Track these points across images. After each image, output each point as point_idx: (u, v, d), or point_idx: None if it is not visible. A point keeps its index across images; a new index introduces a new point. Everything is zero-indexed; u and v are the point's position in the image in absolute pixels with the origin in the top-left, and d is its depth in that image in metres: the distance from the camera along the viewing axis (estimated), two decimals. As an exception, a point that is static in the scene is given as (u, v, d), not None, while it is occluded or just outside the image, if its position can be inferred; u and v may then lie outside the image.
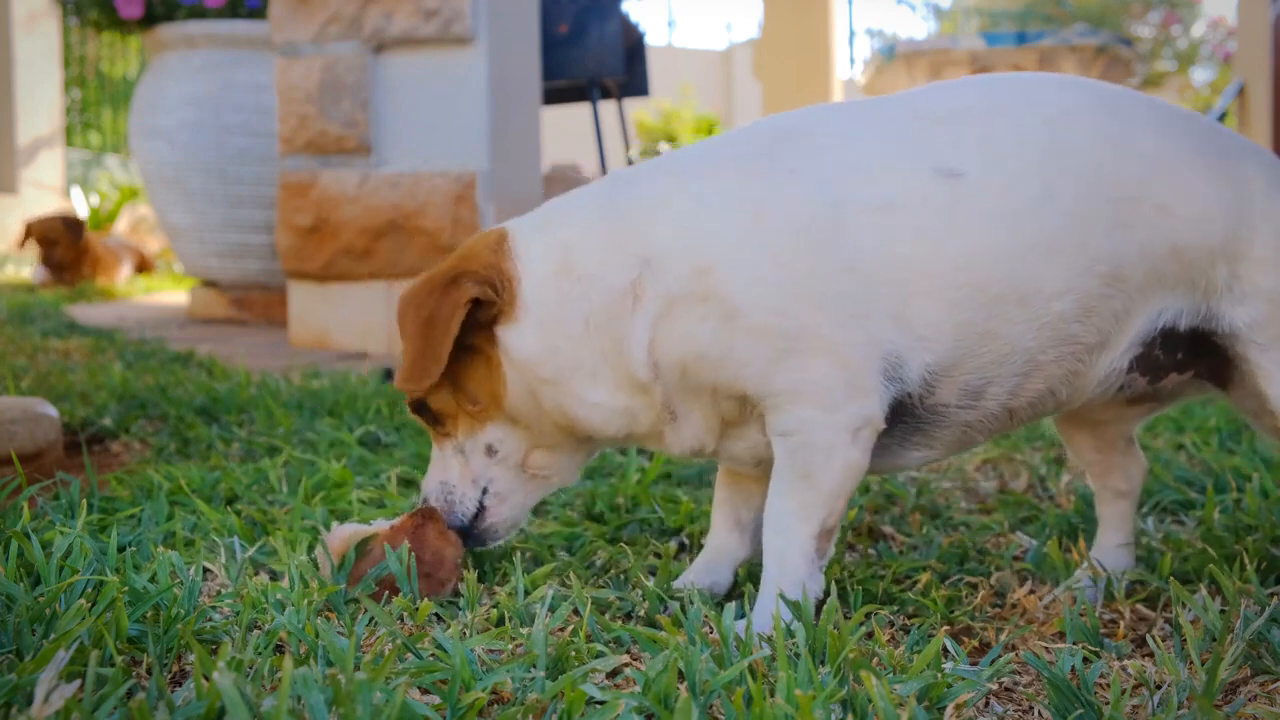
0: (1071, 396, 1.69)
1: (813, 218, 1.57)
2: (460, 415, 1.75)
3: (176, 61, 5.92)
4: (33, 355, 4.36)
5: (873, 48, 18.20)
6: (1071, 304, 1.60)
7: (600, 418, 1.68)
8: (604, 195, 1.70)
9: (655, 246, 1.60)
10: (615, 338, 1.62)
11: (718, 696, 1.28)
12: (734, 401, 1.63)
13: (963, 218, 1.58)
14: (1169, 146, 1.65)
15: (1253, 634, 1.46)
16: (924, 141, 1.63)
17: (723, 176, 1.64)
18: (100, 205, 11.08)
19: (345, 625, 1.55)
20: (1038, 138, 1.62)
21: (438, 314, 1.64)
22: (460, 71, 4.77)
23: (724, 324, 1.56)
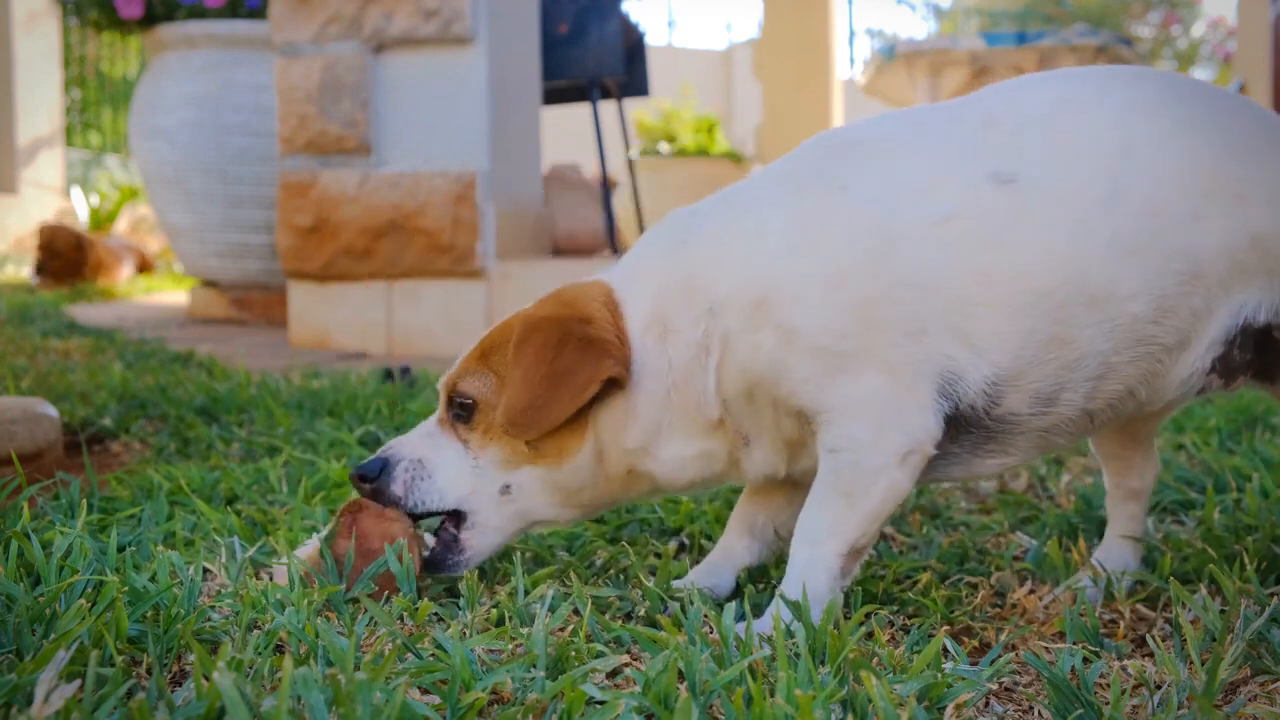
0: (1152, 396, 1.65)
1: (865, 236, 1.54)
2: (503, 441, 1.66)
3: (176, 61, 5.92)
4: (33, 355, 4.36)
5: (873, 48, 18.19)
6: (1147, 305, 1.55)
7: (675, 470, 1.66)
8: (676, 238, 1.66)
9: (719, 291, 1.58)
10: (694, 392, 1.60)
11: (718, 696, 1.28)
12: (793, 419, 1.61)
13: (1020, 223, 1.54)
14: (1241, 132, 1.61)
15: (1253, 634, 1.46)
16: (982, 147, 1.59)
17: (775, 204, 1.61)
18: (100, 205, 11.07)
19: (345, 625, 1.55)
20: (1107, 136, 1.58)
21: (573, 374, 1.58)
22: (460, 71, 4.77)
23: (782, 344, 1.54)
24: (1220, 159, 1.58)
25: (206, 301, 6.20)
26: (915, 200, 1.56)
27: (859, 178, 1.60)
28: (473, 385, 1.67)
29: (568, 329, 1.60)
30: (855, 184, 1.59)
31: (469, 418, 1.68)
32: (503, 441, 1.66)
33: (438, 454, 1.69)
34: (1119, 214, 1.54)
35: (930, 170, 1.58)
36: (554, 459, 1.65)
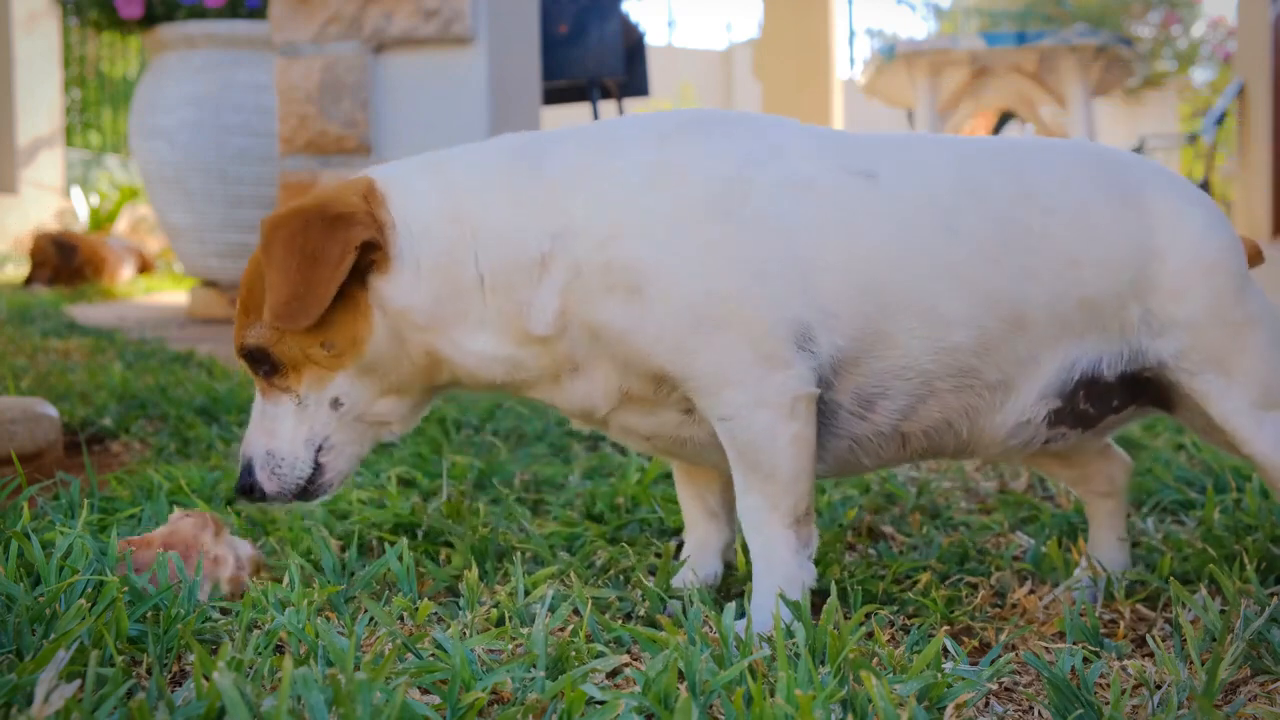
0: (975, 436, 1.68)
1: (723, 183, 1.57)
2: (306, 365, 1.64)
3: (176, 61, 5.92)
4: (33, 355, 4.36)
5: (873, 48, 18.20)
6: (970, 336, 1.60)
7: (476, 364, 1.64)
8: (516, 159, 1.64)
9: (568, 220, 1.57)
10: (517, 301, 1.59)
11: (718, 696, 1.28)
12: (648, 380, 1.61)
13: (872, 215, 1.59)
14: (1075, 195, 1.66)
15: (1253, 634, 1.47)
16: (844, 149, 1.65)
17: (642, 147, 1.62)
18: (100, 205, 11.06)
19: (345, 625, 1.55)
20: (950, 172, 1.65)
21: (324, 252, 1.55)
22: (460, 71, 4.77)
23: (631, 295, 1.54)
24: (1055, 222, 1.64)
25: (206, 301, 6.20)
26: (779, 164, 1.60)
27: (727, 135, 1.63)
28: (254, 335, 1.64)
29: (309, 214, 1.58)
30: (722, 138, 1.62)
31: (273, 367, 1.65)
32: (309, 363, 1.64)
33: (274, 428, 1.67)
34: (955, 242, 1.60)
35: (799, 147, 1.63)
36: (354, 349, 1.62)
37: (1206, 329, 1.65)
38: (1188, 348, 1.65)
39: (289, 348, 1.63)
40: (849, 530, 2.12)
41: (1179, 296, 1.65)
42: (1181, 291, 1.65)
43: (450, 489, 2.31)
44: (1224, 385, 1.66)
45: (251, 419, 1.69)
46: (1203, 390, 1.66)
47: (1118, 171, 1.71)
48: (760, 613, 1.57)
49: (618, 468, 2.55)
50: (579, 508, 2.24)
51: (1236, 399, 1.66)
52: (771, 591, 1.57)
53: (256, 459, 1.67)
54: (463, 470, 2.44)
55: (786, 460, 1.57)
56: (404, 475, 2.42)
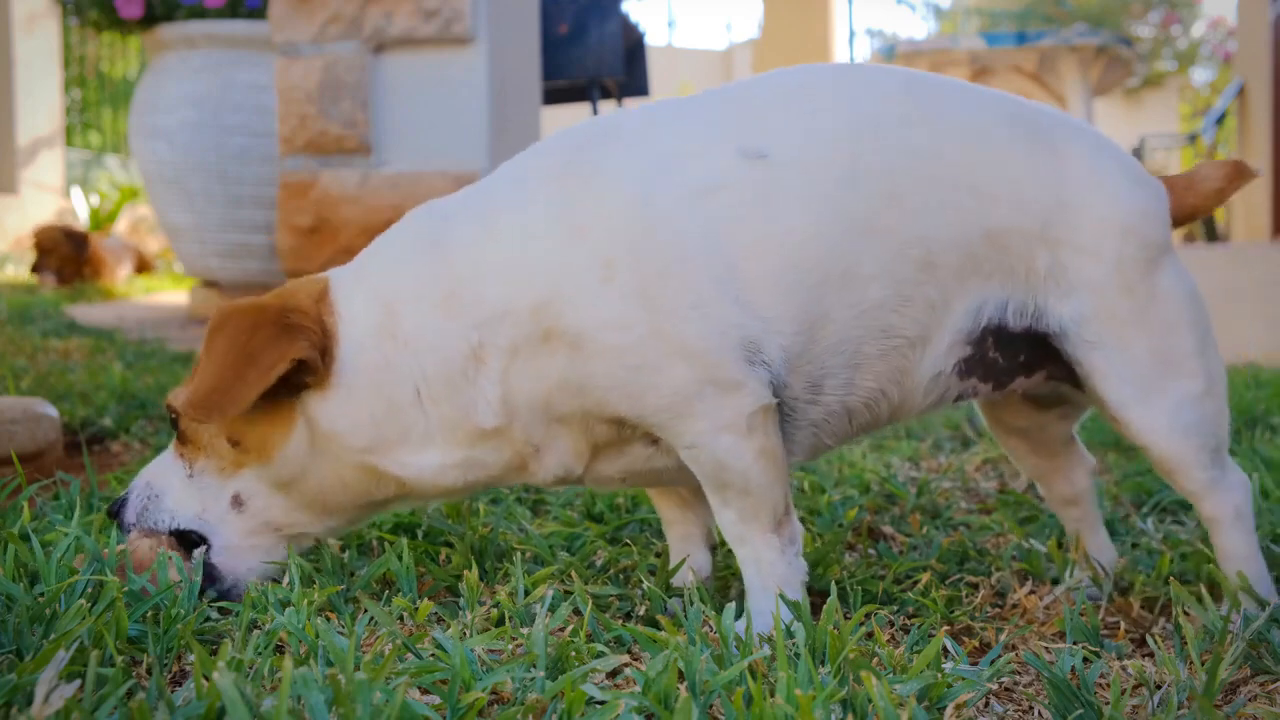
0: (903, 399, 1.65)
1: (626, 219, 1.51)
2: (213, 450, 1.63)
3: (176, 61, 5.92)
4: (33, 355, 4.36)
5: (873, 48, 18.22)
6: (887, 290, 1.56)
7: (431, 476, 1.60)
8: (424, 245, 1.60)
9: (490, 303, 1.52)
10: (459, 405, 1.55)
11: (718, 696, 1.28)
12: (609, 425, 1.58)
13: (777, 198, 1.54)
14: (982, 125, 1.61)
15: (1253, 634, 1.47)
16: (728, 126, 1.59)
17: (530, 201, 1.56)
18: (100, 205, 11.06)
19: (345, 625, 1.55)
20: (844, 118, 1.58)
21: (260, 355, 1.52)
22: (460, 71, 4.77)
23: (572, 354, 1.51)
24: (959, 150, 1.59)
25: (207, 301, 6.20)
26: (669, 176, 1.54)
27: (611, 161, 1.57)
28: (179, 398, 1.62)
29: (262, 315, 1.55)
30: (604, 168, 1.56)
31: (185, 443, 1.65)
32: (212, 449, 1.62)
33: (166, 475, 1.66)
34: (859, 194, 1.55)
35: (682, 146, 1.57)
36: (260, 454, 1.60)
37: (1110, 295, 1.60)
38: (1089, 313, 1.59)
39: (198, 429, 1.62)
40: (849, 530, 2.12)
41: (1088, 253, 1.59)
42: (1091, 248, 1.59)
43: (450, 489, 2.30)
44: (1121, 363, 1.60)
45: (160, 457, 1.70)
46: (1100, 369, 1.60)
47: (1038, 121, 1.65)
48: (760, 616, 1.56)
49: (618, 468, 2.55)
50: (579, 508, 2.24)
51: (1131, 382, 1.60)
52: (768, 594, 1.57)
53: (137, 486, 1.68)
54: (463, 470, 2.44)
55: (756, 474, 1.55)
56: (404, 475, 2.42)
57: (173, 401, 1.64)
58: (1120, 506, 2.33)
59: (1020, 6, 15.25)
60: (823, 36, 12.14)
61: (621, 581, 1.80)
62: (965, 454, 2.79)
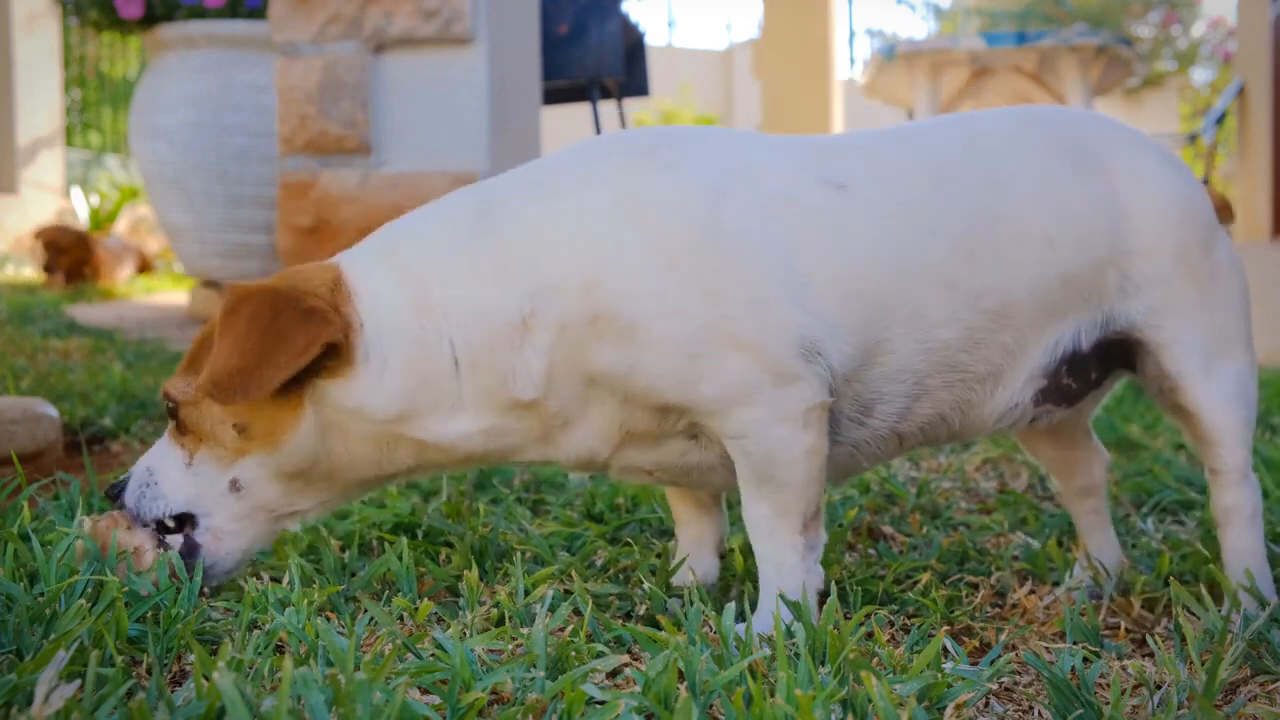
0: (966, 426, 1.68)
1: (693, 209, 1.52)
2: (209, 439, 1.61)
3: (176, 61, 5.92)
4: (33, 355, 4.36)
5: (873, 48, 18.19)
6: (957, 334, 1.60)
7: (453, 442, 1.59)
8: (469, 219, 1.59)
9: (544, 274, 1.52)
10: (499, 373, 1.55)
11: (718, 696, 1.28)
12: (651, 412, 1.57)
13: (849, 225, 1.57)
14: (1045, 173, 1.65)
15: (1253, 634, 1.47)
16: (811, 159, 1.62)
17: (600, 182, 1.56)
18: (100, 205, 11.05)
19: (345, 625, 1.55)
20: (920, 169, 1.63)
21: (289, 338, 1.50)
22: (460, 71, 4.77)
23: (625, 340, 1.51)
24: (1028, 205, 1.63)
25: (207, 301, 6.20)
26: (746, 181, 1.56)
27: (689, 159, 1.58)
28: (178, 387, 1.62)
29: (284, 297, 1.53)
30: (683, 163, 1.57)
31: (185, 432, 1.63)
32: (214, 438, 1.61)
33: (164, 461, 1.65)
34: (934, 245, 1.59)
35: (762, 162, 1.60)
36: (267, 442, 1.59)
37: (1175, 282, 1.66)
38: (1158, 305, 1.66)
39: (199, 417, 1.61)
40: (849, 530, 2.12)
41: (1149, 254, 1.65)
42: (1151, 249, 1.65)
43: (450, 489, 2.31)
44: (1188, 337, 1.66)
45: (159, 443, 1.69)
46: (1166, 342, 1.66)
47: (1075, 137, 1.69)
48: (769, 616, 1.56)
49: (618, 468, 2.55)
50: (579, 508, 2.24)
51: (1194, 352, 1.66)
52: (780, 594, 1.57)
53: (137, 471, 1.67)
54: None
55: (801, 470, 1.56)
56: (404, 475, 2.42)
57: (171, 390, 1.63)
58: (1120, 506, 2.33)
59: (1020, 6, 15.25)
60: (823, 36, 12.14)
61: (621, 581, 1.80)
62: (965, 454, 2.79)
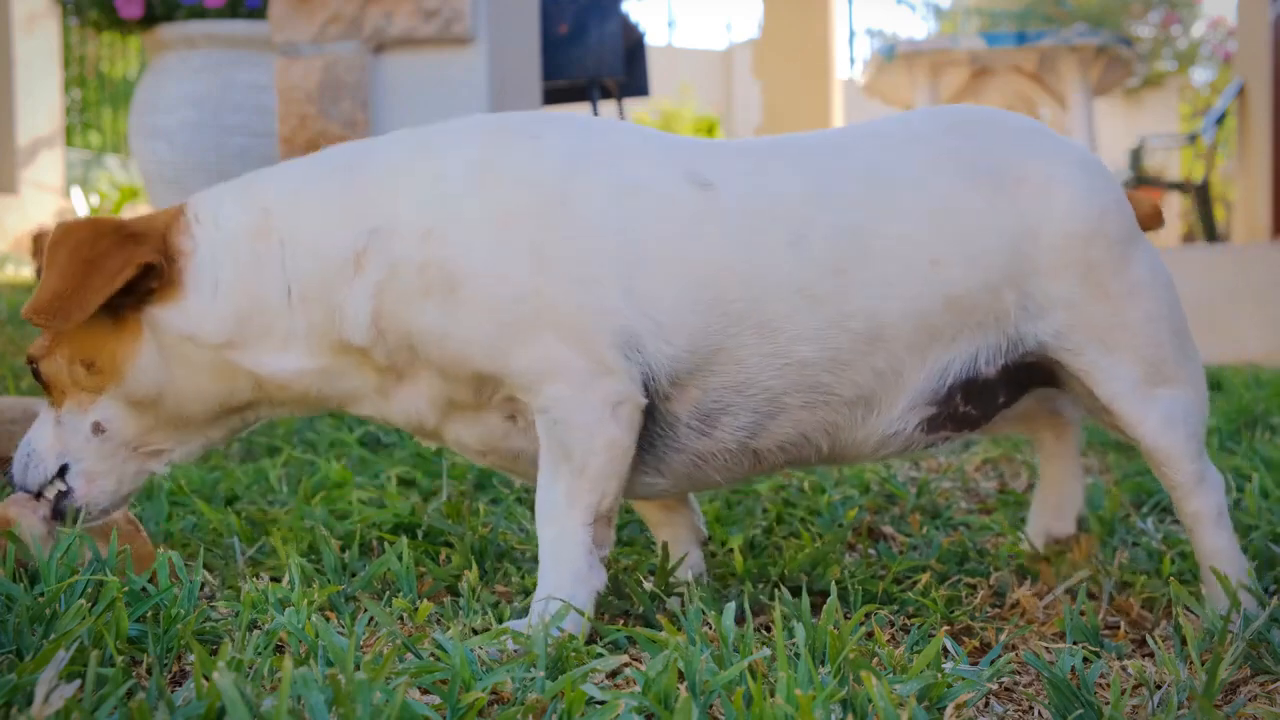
0: (838, 450, 1.63)
1: (544, 180, 1.53)
2: (70, 387, 1.64)
3: (176, 61, 5.92)
4: (33, 355, 4.35)
5: (873, 48, 18.18)
6: (818, 352, 1.54)
7: (287, 378, 1.61)
8: (336, 165, 1.62)
9: (387, 214, 1.54)
10: (329, 307, 1.57)
11: (718, 696, 1.28)
12: (467, 384, 1.57)
13: (707, 225, 1.54)
14: (938, 189, 1.58)
15: (1253, 634, 1.46)
16: (687, 155, 1.60)
17: (468, 146, 1.59)
18: (100, 205, 11.06)
19: (345, 625, 1.55)
20: (797, 181, 1.57)
21: (104, 261, 1.55)
22: (460, 71, 4.77)
23: (446, 297, 1.51)
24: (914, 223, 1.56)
25: (206, 301, 6.20)
26: (607, 164, 1.56)
27: (553, 134, 1.59)
28: (35, 346, 1.66)
29: (102, 226, 1.59)
30: (547, 137, 1.58)
31: (49, 388, 1.67)
32: (71, 382, 1.64)
33: (38, 430, 1.69)
34: (799, 258, 1.53)
35: (631, 149, 1.59)
36: (114, 374, 1.62)
37: (1085, 305, 1.58)
38: (1067, 326, 1.58)
39: (54, 366, 1.64)
40: (849, 530, 2.12)
41: (1054, 273, 1.57)
42: (1057, 268, 1.57)
43: (450, 489, 2.31)
44: (1108, 363, 1.59)
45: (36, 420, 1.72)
46: (1086, 369, 1.59)
47: (985, 147, 1.61)
48: (539, 604, 1.52)
49: (618, 468, 2.55)
50: (579, 508, 2.24)
51: (1122, 378, 1.59)
52: (557, 588, 1.53)
53: (18, 453, 1.70)
54: (463, 470, 2.44)
55: (598, 460, 1.53)
56: (404, 475, 2.42)
57: (32, 350, 1.67)
58: (1120, 506, 2.33)
59: (1020, 6, 15.24)
60: (823, 36, 12.14)
61: (621, 581, 1.80)
62: (965, 454, 2.79)
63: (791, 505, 2.25)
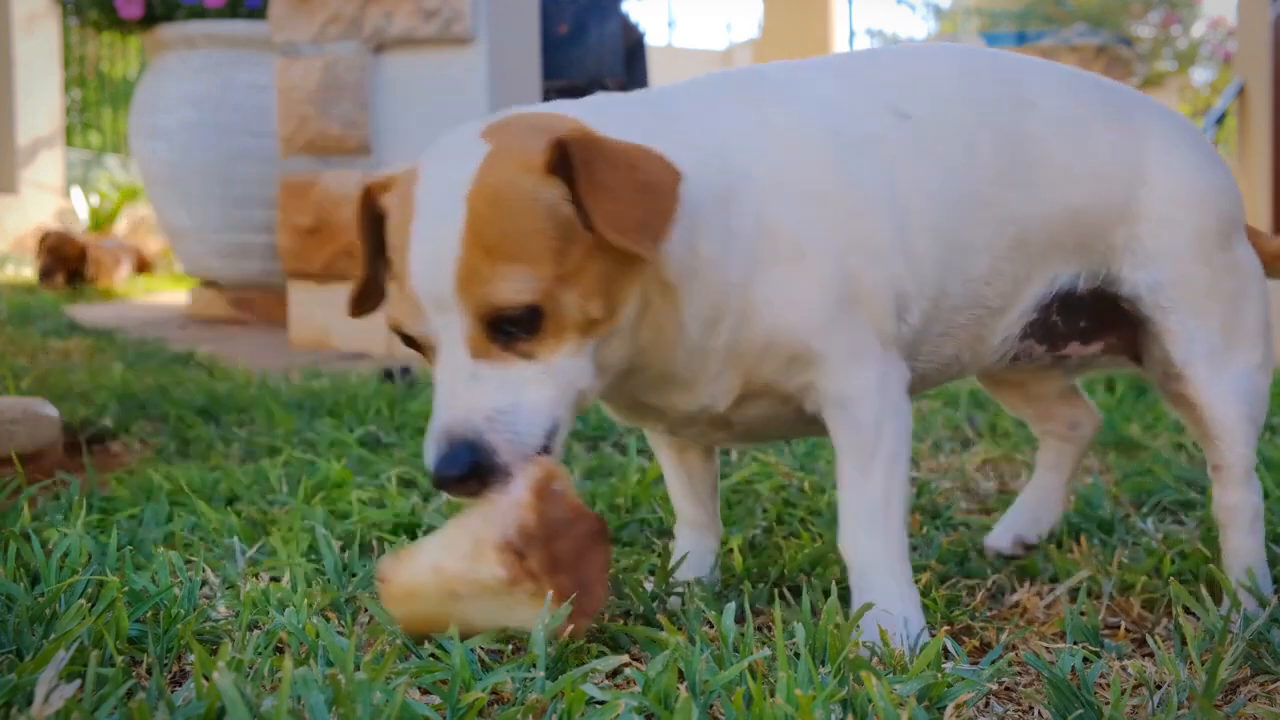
0: (972, 362, 1.66)
1: (826, 147, 1.49)
2: (572, 327, 1.34)
3: (176, 61, 5.92)
4: (33, 355, 4.36)
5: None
6: (985, 263, 1.58)
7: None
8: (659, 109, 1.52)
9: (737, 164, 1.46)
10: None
11: (718, 696, 1.28)
12: (782, 362, 1.48)
13: (922, 158, 1.55)
14: (1077, 110, 1.64)
15: (1253, 634, 1.46)
16: (869, 85, 1.59)
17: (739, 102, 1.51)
18: (100, 205, 11.06)
19: (345, 625, 1.55)
20: (964, 95, 1.60)
21: (661, 183, 1.32)
22: (460, 71, 4.77)
23: (793, 264, 1.44)
24: (1051, 130, 1.61)
25: (207, 302, 6.20)
26: (845, 119, 1.53)
27: (793, 94, 1.55)
28: (521, 289, 1.30)
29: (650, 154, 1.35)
30: (794, 99, 1.54)
31: (533, 327, 1.32)
32: (571, 328, 1.34)
33: (501, 390, 1.33)
34: (976, 166, 1.57)
35: (848, 96, 1.57)
36: (613, 315, 1.37)
37: (1187, 263, 1.63)
38: (1165, 280, 1.63)
39: (567, 304, 1.32)
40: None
41: (1164, 224, 1.63)
42: (1167, 220, 1.63)
43: (450, 489, 2.30)
44: (1193, 326, 1.63)
45: (447, 388, 1.33)
46: (1172, 329, 1.63)
47: (1114, 93, 1.70)
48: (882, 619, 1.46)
49: (618, 468, 2.55)
50: (579, 508, 2.24)
51: (1200, 342, 1.63)
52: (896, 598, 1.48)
53: (479, 419, 1.30)
54: (463, 470, 2.43)
55: (907, 451, 1.50)
56: (404, 475, 2.42)
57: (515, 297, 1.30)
58: (1120, 506, 2.33)
59: (1020, 6, 15.24)
60: (823, 36, 12.15)
61: (621, 581, 1.80)
62: (965, 454, 2.79)
63: (791, 505, 2.25)
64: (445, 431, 1.31)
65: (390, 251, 1.43)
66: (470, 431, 1.31)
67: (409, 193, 1.38)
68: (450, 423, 1.31)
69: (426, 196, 1.36)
